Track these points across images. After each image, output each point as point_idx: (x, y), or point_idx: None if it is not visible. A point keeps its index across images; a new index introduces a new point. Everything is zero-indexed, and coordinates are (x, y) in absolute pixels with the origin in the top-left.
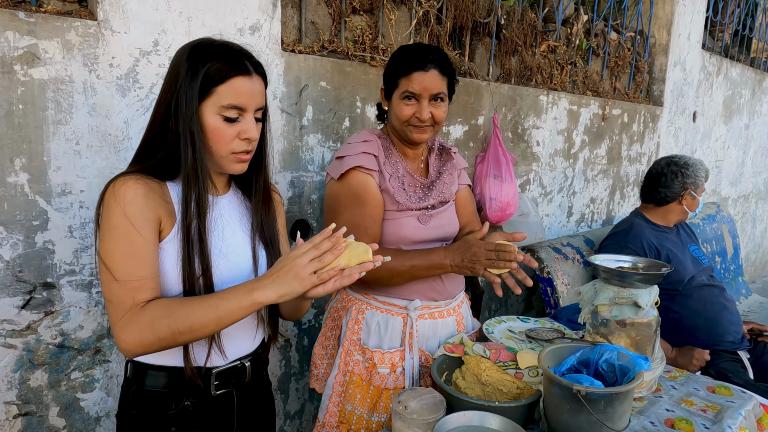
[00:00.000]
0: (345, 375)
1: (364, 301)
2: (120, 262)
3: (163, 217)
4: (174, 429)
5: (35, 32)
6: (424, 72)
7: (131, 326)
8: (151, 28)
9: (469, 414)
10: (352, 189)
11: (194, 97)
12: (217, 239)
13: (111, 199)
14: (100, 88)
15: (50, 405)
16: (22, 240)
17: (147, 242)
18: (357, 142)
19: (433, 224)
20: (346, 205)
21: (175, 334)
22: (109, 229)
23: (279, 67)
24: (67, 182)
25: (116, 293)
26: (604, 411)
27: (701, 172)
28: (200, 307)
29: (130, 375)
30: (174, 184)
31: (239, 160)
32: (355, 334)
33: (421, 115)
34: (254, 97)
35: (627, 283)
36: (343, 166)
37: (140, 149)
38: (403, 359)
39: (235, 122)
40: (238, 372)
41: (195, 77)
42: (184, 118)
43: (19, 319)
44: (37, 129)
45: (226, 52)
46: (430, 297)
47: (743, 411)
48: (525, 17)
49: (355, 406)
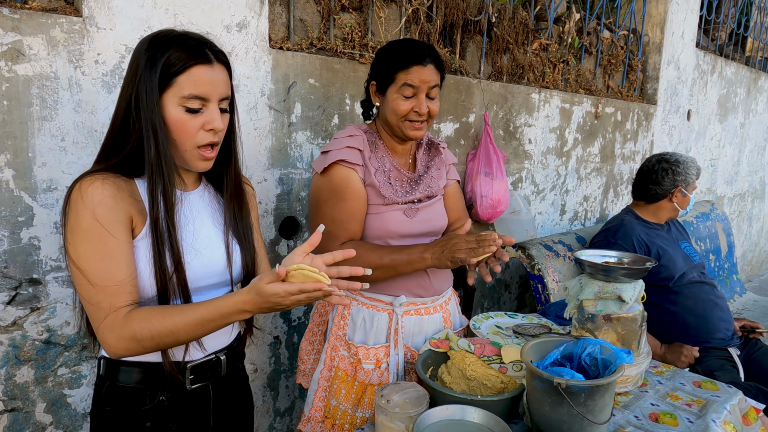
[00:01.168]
0: (330, 370)
1: (350, 297)
2: (95, 266)
3: (134, 216)
4: (149, 424)
5: (20, 28)
6: (422, 66)
7: (114, 334)
8: (137, 24)
9: (451, 408)
10: (333, 183)
11: (154, 89)
12: (188, 235)
13: (78, 202)
14: (86, 85)
15: (37, 401)
16: (8, 236)
17: (121, 244)
18: (342, 137)
19: (420, 218)
20: (326, 200)
21: (159, 345)
22: (80, 233)
23: (267, 64)
24: (52, 178)
25: (94, 298)
26: (585, 404)
27: (692, 170)
28: (185, 319)
29: (102, 372)
30: (142, 181)
31: (204, 157)
32: (341, 329)
33: (420, 108)
34: (217, 86)
35: (611, 277)
36: (327, 160)
37: (104, 146)
38: (388, 355)
39: (198, 113)
40: (213, 365)
41: (154, 68)
42: (145, 110)
43: (4, 315)
44: (21, 125)
45: (186, 40)
46: (416, 293)
47: (728, 405)
48: (516, 15)
49: (340, 401)
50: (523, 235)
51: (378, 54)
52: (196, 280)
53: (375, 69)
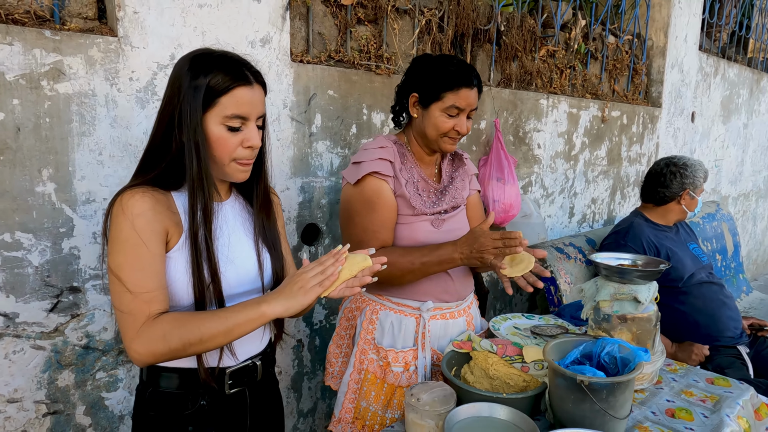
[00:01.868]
0: (360, 373)
1: (378, 302)
2: (131, 274)
3: (170, 228)
4: (191, 428)
5: (60, 49)
6: (470, 89)
7: (143, 338)
8: (168, 42)
9: (478, 405)
10: (365, 194)
11: (198, 108)
12: (223, 246)
13: (119, 213)
14: (121, 101)
15: (77, 404)
16: (50, 246)
17: (154, 255)
18: (373, 147)
19: (445, 228)
20: (358, 210)
21: (186, 346)
22: (119, 242)
23: (288, 77)
24: (90, 191)
25: (129, 305)
26: (606, 400)
27: (700, 173)
28: (210, 320)
29: (144, 378)
30: (178, 194)
31: (242, 168)
32: (370, 333)
33: (462, 128)
34: (255, 106)
35: (627, 279)
36: (360, 172)
37: (144, 160)
38: (416, 358)
39: (238, 131)
40: (250, 371)
41: (198, 89)
42: (188, 128)
43: (47, 322)
44: (62, 141)
45: (227, 62)
46: (442, 299)
47: (741, 401)
48: (524, 23)
49: (370, 403)
50: (534, 237)
51: (421, 67)
52: (230, 288)
53: (418, 82)
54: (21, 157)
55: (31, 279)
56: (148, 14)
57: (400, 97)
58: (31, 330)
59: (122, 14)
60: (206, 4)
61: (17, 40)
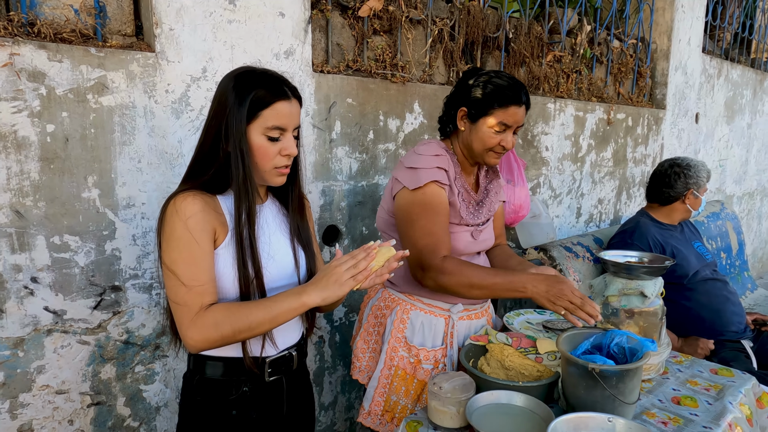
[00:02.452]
0: (390, 369)
1: (408, 302)
2: (185, 269)
3: (217, 228)
4: (235, 412)
5: (104, 65)
6: (518, 107)
7: (197, 326)
8: (201, 56)
9: (496, 393)
10: (427, 199)
11: (243, 121)
12: (264, 244)
13: (174, 215)
14: (158, 112)
15: (118, 396)
16: (94, 248)
17: (205, 252)
18: (429, 155)
19: (480, 239)
20: (420, 213)
21: (236, 333)
22: (174, 240)
23: (310, 87)
24: (131, 196)
25: (184, 297)
26: (616, 386)
27: (703, 173)
28: (257, 309)
29: (192, 366)
30: (223, 197)
31: (280, 173)
32: (400, 332)
33: (507, 144)
34: (293, 118)
35: (634, 275)
36: (420, 180)
37: (192, 167)
38: (445, 356)
39: (277, 141)
40: (287, 360)
41: (243, 103)
42: (234, 139)
43: (91, 319)
44: (105, 150)
45: (268, 80)
46: (470, 301)
47: (743, 389)
48: (531, 30)
49: (400, 397)
50: (544, 237)
51: (471, 81)
52: (271, 282)
53: (467, 96)
54: (69, 166)
55: (77, 279)
56: (182, 30)
57: (449, 108)
58: (77, 326)
59: (159, 31)
60: (235, 20)
61: (66, 58)
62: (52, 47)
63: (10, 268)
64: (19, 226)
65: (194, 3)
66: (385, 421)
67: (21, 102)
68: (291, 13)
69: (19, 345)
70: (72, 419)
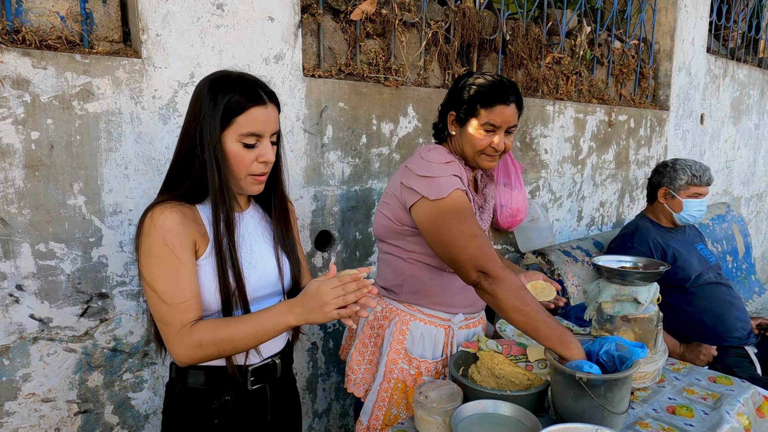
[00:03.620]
0: (389, 382)
1: (407, 312)
2: (166, 286)
3: (198, 239)
4: (217, 421)
5: (89, 71)
6: (505, 105)
7: (182, 345)
8: (188, 62)
9: (483, 402)
10: (456, 204)
11: (216, 127)
12: (246, 253)
13: (151, 229)
14: (145, 118)
15: (105, 403)
16: (81, 255)
17: (186, 266)
18: (441, 162)
19: None
20: (459, 218)
21: (221, 352)
22: (153, 257)
23: (301, 91)
24: (117, 203)
25: (166, 315)
26: (604, 396)
27: (681, 173)
28: (242, 327)
29: (174, 375)
30: (203, 206)
31: (256, 181)
32: (400, 343)
33: (498, 146)
34: (269, 124)
35: (627, 281)
36: (443, 189)
37: (169, 176)
38: (445, 366)
39: (253, 148)
40: (271, 368)
41: (216, 109)
42: (208, 146)
43: (78, 326)
44: (91, 156)
45: (243, 84)
46: (471, 311)
47: (741, 398)
48: (529, 32)
49: (400, 411)
50: (542, 241)
51: (459, 85)
52: (253, 291)
53: (455, 100)
54: (54, 173)
55: (63, 286)
56: (169, 36)
57: (441, 114)
58: (63, 334)
59: (146, 37)
60: (223, 25)
61: (51, 65)
62: (37, 54)
63: None
64: (4, 233)
65: (181, 8)
66: None
67: (5, 109)
68: (280, 18)
69: (4, 353)
70: (59, 427)
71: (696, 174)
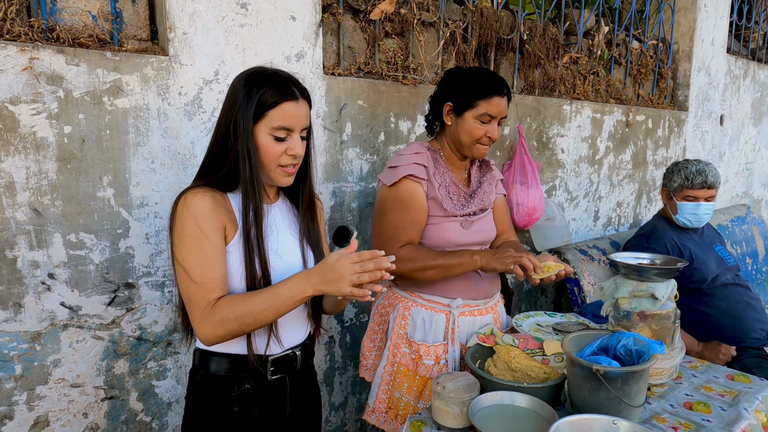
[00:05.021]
0: (393, 365)
1: (410, 299)
2: (195, 266)
3: (227, 225)
4: (236, 408)
5: (119, 68)
6: (500, 97)
7: (206, 323)
8: (213, 60)
9: (500, 394)
10: (400, 194)
11: (249, 120)
12: (272, 243)
13: (184, 211)
14: (171, 114)
15: (131, 390)
16: (109, 246)
17: (216, 248)
18: (409, 153)
19: (474, 229)
20: (391, 207)
21: (242, 326)
22: (185, 237)
23: (321, 89)
24: (144, 195)
25: (194, 294)
26: (621, 388)
27: (677, 175)
28: (260, 299)
29: (197, 362)
30: (234, 195)
31: (286, 173)
32: (402, 328)
33: (493, 134)
34: (300, 119)
35: (645, 277)
36: (396, 175)
37: (204, 166)
38: (446, 352)
39: (283, 141)
40: (290, 359)
41: (250, 102)
42: (241, 138)
43: (105, 315)
44: (120, 151)
45: (277, 79)
46: (471, 296)
47: (760, 396)
48: (547, 32)
49: (403, 394)
50: (558, 240)
51: (454, 78)
52: (278, 279)
53: (452, 92)
54: (85, 166)
55: (92, 275)
56: (195, 35)
57: (434, 106)
58: (92, 321)
59: (173, 35)
60: (247, 24)
61: (83, 61)
62: (70, 51)
63: (29, 264)
64: (37, 223)
65: (207, 8)
66: (390, 419)
67: (40, 104)
68: (302, 17)
69: (36, 339)
70: (86, 412)
71: (689, 177)
